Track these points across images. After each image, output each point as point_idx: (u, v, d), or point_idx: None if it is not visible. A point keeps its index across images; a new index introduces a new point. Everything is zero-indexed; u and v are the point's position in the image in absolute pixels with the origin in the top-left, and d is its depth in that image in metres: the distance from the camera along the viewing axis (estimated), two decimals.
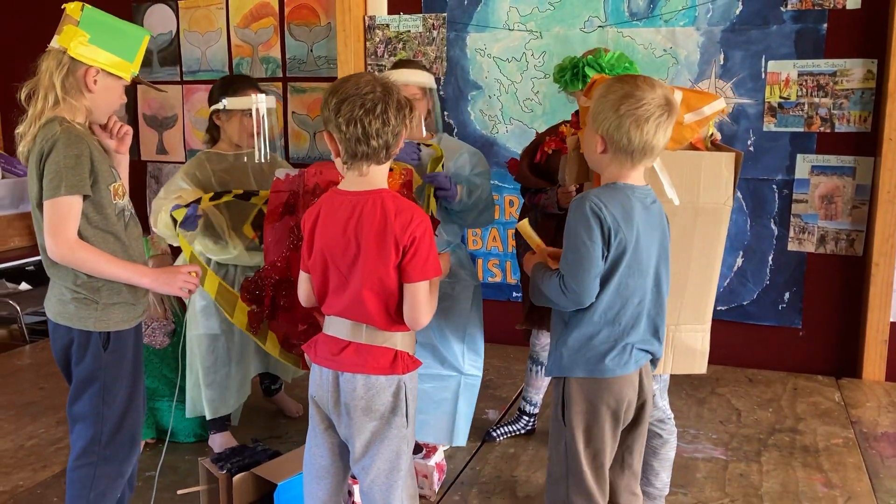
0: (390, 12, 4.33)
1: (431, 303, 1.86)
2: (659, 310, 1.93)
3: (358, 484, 2.38)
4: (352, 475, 2.03)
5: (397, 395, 1.86)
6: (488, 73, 4.18)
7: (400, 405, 1.86)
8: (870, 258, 3.68)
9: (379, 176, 1.84)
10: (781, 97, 3.75)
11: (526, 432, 3.13)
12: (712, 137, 2.25)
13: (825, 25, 3.65)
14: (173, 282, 2.10)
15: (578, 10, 3.98)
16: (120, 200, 2.08)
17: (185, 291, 2.12)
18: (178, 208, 2.61)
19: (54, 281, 2.06)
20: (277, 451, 2.60)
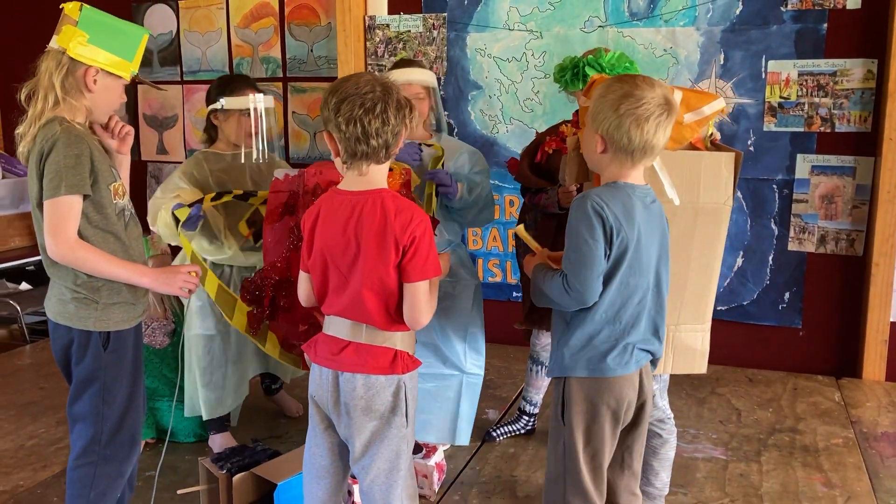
0: (390, 12, 4.33)
1: (431, 302, 1.86)
2: (659, 309, 1.93)
3: (358, 484, 2.38)
4: (352, 475, 2.03)
5: (397, 394, 1.86)
6: (488, 73, 4.18)
7: (400, 405, 1.86)
8: (870, 258, 3.68)
9: (379, 176, 1.84)
10: (781, 97, 3.75)
11: (526, 432, 3.13)
12: (712, 137, 2.25)
13: (825, 25, 3.65)
14: (173, 281, 2.10)
15: (578, 10, 3.98)
16: (120, 200, 2.08)
17: (185, 291, 2.12)
18: (181, 207, 2.59)
19: (54, 281, 2.06)
20: (277, 451, 2.60)
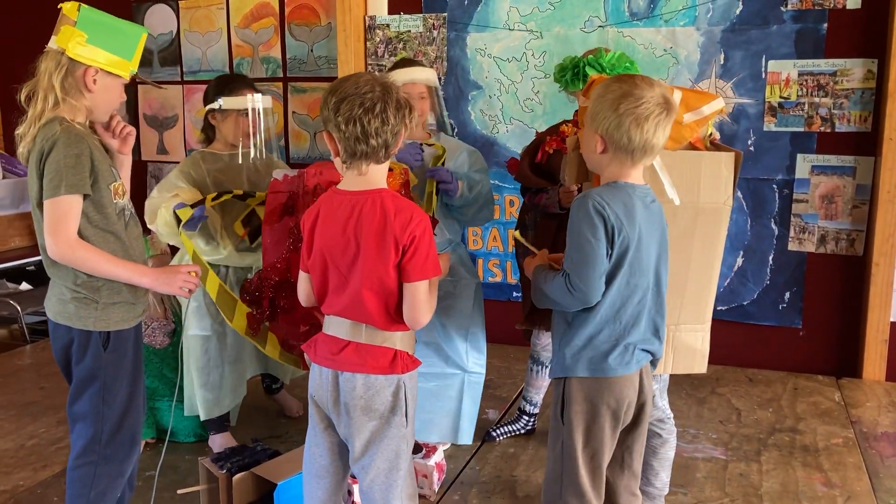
0: (391, 12, 4.33)
1: (431, 302, 1.86)
2: (659, 308, 1.93)
3: (357, 483, 2.38)
4: (352, 475, 2.03)
5: (397, 394, 1.86)
6: (488, 73, 4.18)
7: (399, 405, 1.86)
8: (870, 258, 3.68)
9: (378, 175, 1.85)
10: (782, 97, 3.75)
11: (526, 432, 3.13)
12: (711, 137, 2.25)
13: (825, 25, 3.65)
14: (173, 281, 2.10)
15: (579, 10, 3.98)
16: (120, 200, 2.08)
17: (185, 291, 2.12)
18: (183, 207, 2.58)
19: (54, 280, 2.06)
20: (277, 451, 2.60)
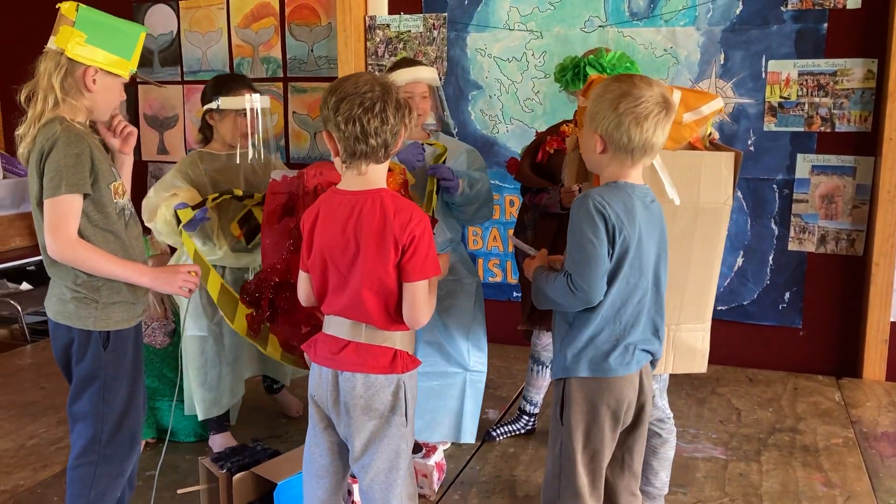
0: (391, 12, 4.33)
1: (430, 302, 1.86)
2: (658, 308, 1.93)
3: (357, 483, 2.38)
4: (351, 474, 2.03)
5: (396, 394, 1.86)
6: (489, 73, 4.18)
7: (399, 404, 1.86)
8: (870, 258, 3.68)
9: (378, 175, 1.85)
10: (782, 97, 3.75)
11: (526, 432, 3.13)
12: (710, 137, 2.25)
13: (825, 25, 3.65)
14: (173, 281, 2.10)
15: (579, 9, 3.98)
16: (120, 199, 2.08)
17: (185, 291, 2.12)
18: (184, 207, 2.57)
19: (54, 280, 2.06)
20: (277, 451, 2.60)
